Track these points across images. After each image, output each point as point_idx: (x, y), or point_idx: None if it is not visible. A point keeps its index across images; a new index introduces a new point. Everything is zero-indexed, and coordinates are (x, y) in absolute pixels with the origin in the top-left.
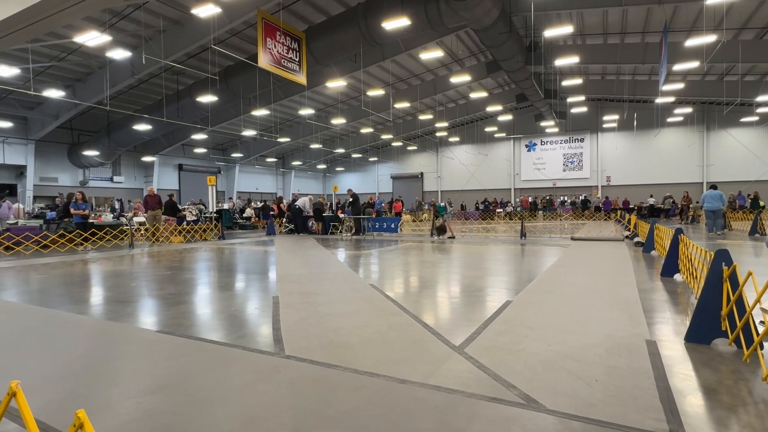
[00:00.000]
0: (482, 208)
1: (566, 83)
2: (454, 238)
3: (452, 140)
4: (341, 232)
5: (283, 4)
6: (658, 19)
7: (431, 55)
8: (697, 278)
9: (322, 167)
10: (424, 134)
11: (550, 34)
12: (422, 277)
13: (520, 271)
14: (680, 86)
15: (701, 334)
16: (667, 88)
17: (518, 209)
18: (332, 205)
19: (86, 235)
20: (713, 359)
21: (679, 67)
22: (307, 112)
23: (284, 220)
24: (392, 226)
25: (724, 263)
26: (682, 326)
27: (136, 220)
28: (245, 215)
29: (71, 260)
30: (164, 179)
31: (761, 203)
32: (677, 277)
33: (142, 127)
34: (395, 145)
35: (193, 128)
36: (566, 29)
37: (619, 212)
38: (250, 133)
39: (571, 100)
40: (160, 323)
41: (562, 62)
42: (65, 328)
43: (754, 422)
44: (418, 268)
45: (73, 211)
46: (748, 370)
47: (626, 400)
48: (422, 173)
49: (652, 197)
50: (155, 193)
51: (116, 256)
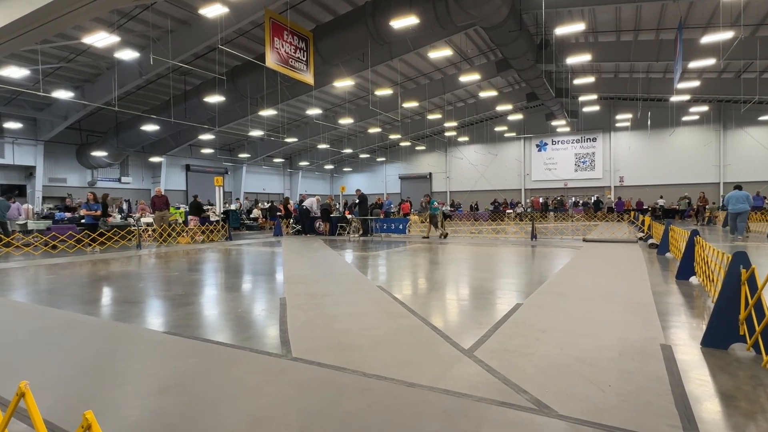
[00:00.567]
0: (492, 208)
1: (578, 82)
2: (428, 238)
3: (461, 140)
4: (349, 233)
5: (290, 3)
6: (672, 15)
7: (440, 53)
8: (713, 281)
9: (329, 168)
10: (432, 134)
11: (561, 31)
12: (431, 278)
13: (530, 273)
14: (696, 84)
15: (718, 338)
16: (682, 86)
17: (529, 210)
18: (342, 205)
19: (94, 235)
20: (731, 364)
21: (694, 64)
22: (314, 112)
23: (291, 221)
24: (400, 227)
25: (742, 266)
26: (698, 330)
27: (143, 220)
28: (252, 216)
29: (80, 261)
30: (171, 180)
31: None
32: (693, 280)
33: (149, 127)
34: (403, 145)
35: (200, 128)
36: (578, 27)
37: (632, 213)
38: (257, 133)
39: (583, 98)
40: (167, 324)
41: (573, 60)
42: (73, 328)
43: None
44: (426, 269)
45: (84, 212)
46: (767, 375)
47: (640, 405)
48: (431, 173)
49: (662, 198)
50: (162, 193)
51: (124, 256)
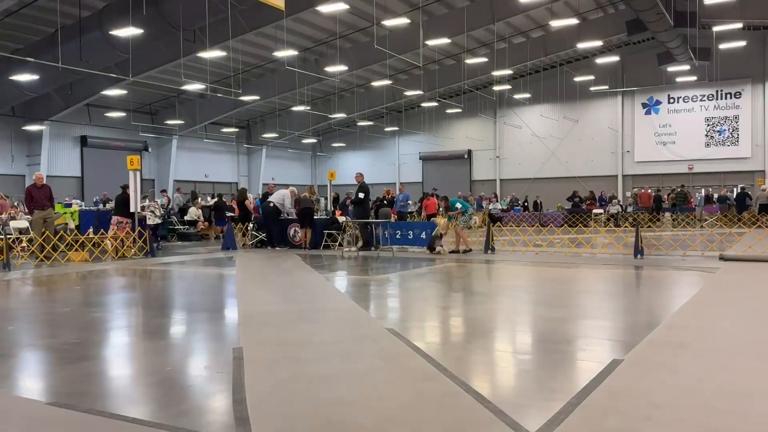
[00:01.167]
0: (569, 207)
1: (711, 1)
2: (462, 252)
3: (520, 98)
4: (341, 244)
5: None
6: None
7: None
8: None
9: (310, 142)
10: (473, 89)
11: None
12: (471, 317)
13: (634, 311)
14: None
15: None
16: None
17: (630, 209)
18: (331, 201)
19: None
20: None
21: None
22: (286, 53)
23: (251, 225)
24: (422, 235)
25: None
26: None
27: (14, 225)
28: (188, 218)
29: None
30: (59, 160)
31: None
32: None
33: (23, 76)
34: (427, 106)
35: (104, 79)
36: None
37: None
38: (196, 87)
39: (719, 29)
40: (53, 390)
41: None
42: None
43: None
44: (464, 303)
45: None
46: None
47: None
48: (470, 152)
49: None
50: (44, 182)
51: None
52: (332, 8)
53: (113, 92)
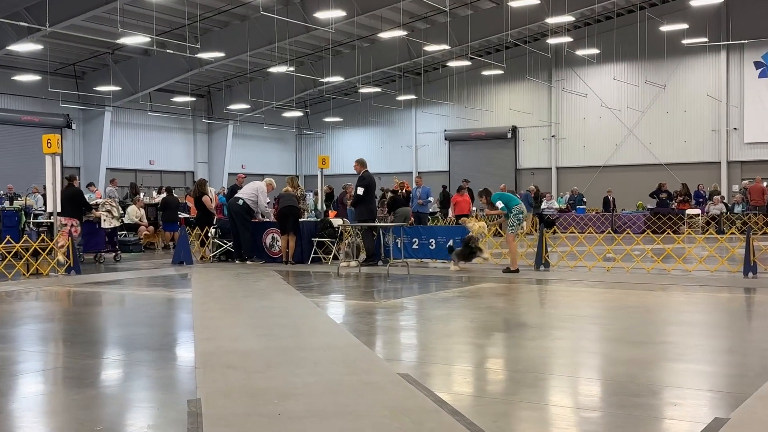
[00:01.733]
0: (654, 206)
1: None
2: (513, 271)
3: (583, 55)
4: (336, 257)
5: None
6: None
7: None
8: None
9: (294, 116)
10: (519, 42)
11: None
12: (516, 359)
13: (743, 351)
14: None
15: None
16: None
17: (738, 208)
18: (323, 198)
19: None
20: None
21: None
22: None
23: (212, 231)
24: (449, 244)
25: None
26: None
27: None
28: (127, 220)
29: None
30: None
31: None
32: None
33: None
34: (455, 66)
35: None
36: None
37: None
38: (136, 40)
39: None
40: None
41: None
42: None
43: None
44: (506, 339)
45: None
46: None
47: None
48: (515, 129)
49: None
50: None
51: None
52: None
53: (23, 47)
